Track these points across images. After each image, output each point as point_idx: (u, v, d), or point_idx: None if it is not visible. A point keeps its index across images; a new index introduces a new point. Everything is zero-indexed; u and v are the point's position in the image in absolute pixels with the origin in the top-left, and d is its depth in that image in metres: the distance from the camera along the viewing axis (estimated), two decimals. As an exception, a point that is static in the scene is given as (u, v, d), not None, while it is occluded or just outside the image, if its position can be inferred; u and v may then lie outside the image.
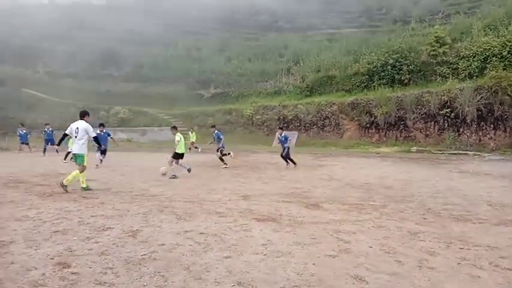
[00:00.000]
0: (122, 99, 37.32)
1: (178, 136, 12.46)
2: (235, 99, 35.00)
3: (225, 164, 14.90)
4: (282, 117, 28.37)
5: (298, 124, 27.44)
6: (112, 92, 38.95)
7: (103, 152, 15.03)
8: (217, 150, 15.35)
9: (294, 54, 38.60)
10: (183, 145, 12.54)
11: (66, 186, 9.10)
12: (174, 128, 13.08)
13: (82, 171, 9.43)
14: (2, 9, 54.05)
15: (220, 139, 15.38)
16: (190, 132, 23.49)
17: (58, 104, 36.10)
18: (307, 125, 26.88)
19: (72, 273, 4.20)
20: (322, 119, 26.68)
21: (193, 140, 23.26)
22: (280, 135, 15.29)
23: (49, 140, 20.62)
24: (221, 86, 37.89)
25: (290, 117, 27.76)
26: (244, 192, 9.43)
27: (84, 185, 9.49)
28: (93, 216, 6.85)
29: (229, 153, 15.65)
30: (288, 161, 15.14)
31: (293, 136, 26.99)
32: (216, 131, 15.72)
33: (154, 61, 42.05)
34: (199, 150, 22.45)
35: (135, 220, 6.62)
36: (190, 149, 21.47)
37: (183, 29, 50.05)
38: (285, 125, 27.76)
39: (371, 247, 5.26)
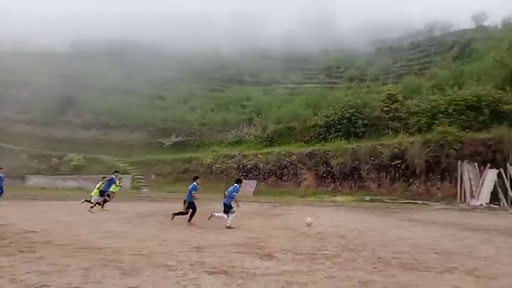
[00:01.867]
0: (77, 146, 36.20)
1: None
2: (196, 148, 34.93)
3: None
4: (241, 166, 28.46)
5: (257, 173, 27.60)
6: (68, 138, 37.77)
7: None
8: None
9: (256, 106, 39.66)
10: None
11: None
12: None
13: None
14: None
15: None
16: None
17: (8, 151, 34.31)
18: (266, 174, 27.09)
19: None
20: (280, 168, 27.05)
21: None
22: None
23: None
24: (183, 135, 37.82)
25: (249, 166, 27.93)
26: (197, 243, 9.13)
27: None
28: (28, 272, 6.29)
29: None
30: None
31: (252, 185, 27.02)
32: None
33: (115, 108, 41.58)
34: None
35: (75, 276, 6.15)
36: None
37: (146, 78, 50.44)
38: (244, 173, 27.82)
39: (320, 299, 5.19)
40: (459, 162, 21.15)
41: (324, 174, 25.22)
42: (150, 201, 21.49)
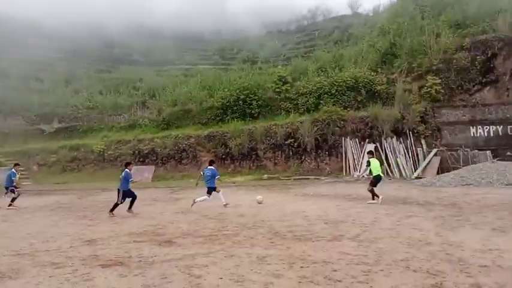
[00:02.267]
0: None
1: None
2: (83, 134, 32.07)
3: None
4: (137, 152, 27.16)
5: (155, 158, 26.68)
6: None
7: None
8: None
9: (150, 88, 37.81)
10: None
11: None
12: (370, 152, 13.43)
13: None
14: None
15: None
16: None
17: None
18: (164, 158, 26.34)
19: None
20: (179, 151, 26.54)
21: None
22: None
23: None
24: (67, 120, 34.30)
25: (146, 151, 26.80)
26: (90, 236, 8.51)
27: None
28: None
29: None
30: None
31: (149, 170, 26.06)
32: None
33: (-20, 92, 35.72)
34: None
35: None
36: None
37: (19, 57, 44.17)
38: (141, 159, 26.63)
39: (221, 278, 5.28)
40: (343, 138, 23.36)
41: (223, 156, 25.51)
42: (34, 195, 19.23)
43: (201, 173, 13.31)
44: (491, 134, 21.80)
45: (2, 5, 51.94)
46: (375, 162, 12.60)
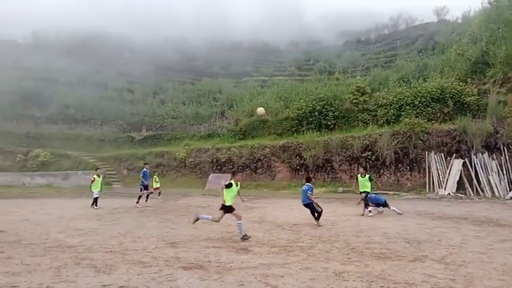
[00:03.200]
0: (44, 142, 35.00)
1: None
2: (167, 142, 34.42)
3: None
4: (215, 160, 28.32)
5: (232, 166, 27.54)
6: (32, 133, 36.38)
7: None
8: None
9: (228, 99, 39.50)
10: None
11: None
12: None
13: None
14: None
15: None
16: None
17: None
18: (240, 167, 27.08)
19: None
20: (254, 161, 27.10)
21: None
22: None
23: None
24: (153, 129, 37.19)
25: (223, 160, 27.81)
26: (172, 239, 9.06)
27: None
28: (-5, 273, 6.07)
29: None
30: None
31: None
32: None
33: (82, 102, 40.25)
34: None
35: (46, 276, 5.98)
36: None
37: (114, 70, 49.07)
38: (218, 167, 27.70)
39: (297, 290, 5.27)
40: (426, 152, 21.88)
41: (298, 167, 25.48)
42: (123, 197, 21.06)
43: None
44: None
45: (101, 26, 57.95)
46: (361, 179, 13.43)
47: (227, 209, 9.11)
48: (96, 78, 45.93)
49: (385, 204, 13.34)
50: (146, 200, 17.03)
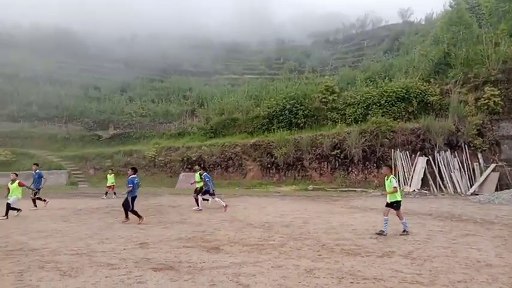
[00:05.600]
0: (4, 140, 33.35)
1: None
2: (136, 141, 33.70)
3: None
4: (186, 159, 27.99)
5: (202, 165, 27.32)
6: (-10, 131, 34.65)
7: None
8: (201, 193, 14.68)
9: (198, 97, 39.10)
10: None
11: None
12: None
13: None
14: None
15: (207, 181, 14.40)
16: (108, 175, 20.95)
17: None
18: (211, 166, 26.90)
19: None
20: (226, 159, 27.02)
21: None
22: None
23: None
24: (121, 127, 36.26)
25: (194, 158, 27.54)
26: (142, 240, 8.87)
27: None
28: (-50, 280, 5.72)
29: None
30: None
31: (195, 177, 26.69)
32: (204, 173, 14.70)
33: (46, 99, 38.66)
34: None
35: (7, 281, 5.70)
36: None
37: (79, 67, 47.46)
38: (189, 166, 27.42)
39: (269, 288, 5.29)
40: (392, 150, 22.59)
41: (269, 165, 25.63)
42: (90, 197, 20.39)
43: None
44: (558, 149, 20.12)
45: (64, 20, 56.00)
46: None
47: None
48: (60, 74, 44.26)
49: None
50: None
